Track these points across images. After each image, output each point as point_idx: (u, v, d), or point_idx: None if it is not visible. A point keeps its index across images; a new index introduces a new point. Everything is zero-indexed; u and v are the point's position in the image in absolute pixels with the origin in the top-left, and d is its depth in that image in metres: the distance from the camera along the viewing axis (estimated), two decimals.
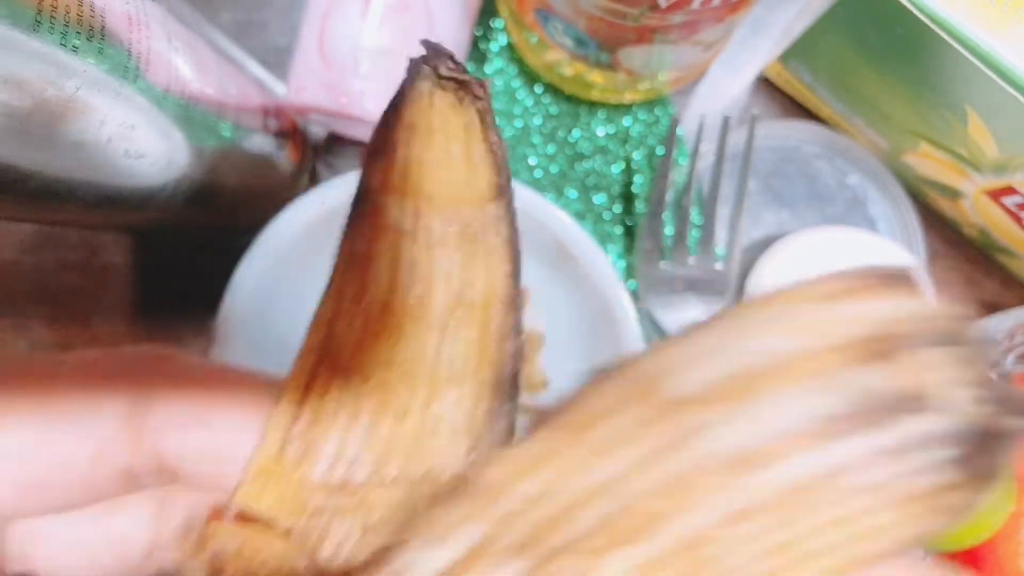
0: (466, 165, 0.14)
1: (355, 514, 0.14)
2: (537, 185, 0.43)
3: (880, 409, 0.11)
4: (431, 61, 0.13)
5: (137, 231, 0.40)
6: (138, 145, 0.25)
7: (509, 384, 0.14)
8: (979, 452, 0.11)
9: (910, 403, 0.11)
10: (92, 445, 0.14)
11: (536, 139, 0.43)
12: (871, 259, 0.38)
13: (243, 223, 0.37)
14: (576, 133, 0.43)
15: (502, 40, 0.43)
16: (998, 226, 0.39)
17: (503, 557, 0.12)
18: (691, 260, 0.40)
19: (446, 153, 0.14)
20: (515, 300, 0.14)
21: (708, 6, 0.30)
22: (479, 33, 0.43)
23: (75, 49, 0.21)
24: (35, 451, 0.14)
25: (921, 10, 0.30)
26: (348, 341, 0.14)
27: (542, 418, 0.12)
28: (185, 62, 0.27)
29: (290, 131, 0.38)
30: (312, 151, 0.42)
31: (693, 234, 0.41)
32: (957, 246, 0.44)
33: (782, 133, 0.43)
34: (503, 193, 0.14)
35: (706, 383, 0.11)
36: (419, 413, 0.14)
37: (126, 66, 0.24)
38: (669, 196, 0.41)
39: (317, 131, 0.43)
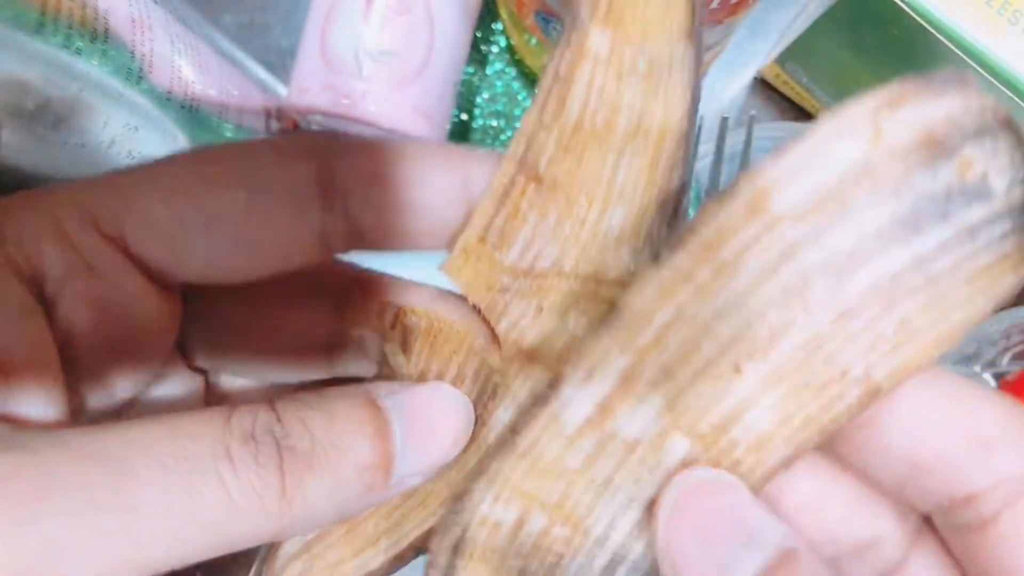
0: (665, 4, 0.15)
1: (534, 296, 0.17)
2: None
3: (945, 203, 0.12)
4: None
5: None
6: (141, 146, 0.26)
7: (671, 209, 0.16)
8: None
9: (970, 192, 0.12)
10: (291, 206, 0.16)
11: None
12: None
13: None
14: None
15: (502, 42, 0.43)
16: None
17: (644, 392, 0.14)
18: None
19: None
20: (687, 136, 0.15)
21: (706, 8, 0.30)
22: (479, 35, 0.43)
23: (79, 51, 0.21)
24: (244, 212, 0.15)
25: (917, 12, 0.31)
26: (544, 153, 0.16)
27: (672, 242, 0.13)
28: (188, 64, 0.27)
29: (292, 132, 0.38)
30: None
31: None
32: None
33: (780, 134, 0.43)
34: (692, 36, 0.15)
35: (803, 197, 0.12)
36: (594, 221, 0.16)
37: (129, 68, 0.24)
38: None
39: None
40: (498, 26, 0.43)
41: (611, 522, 0.15)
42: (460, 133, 0.43)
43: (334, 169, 0.16)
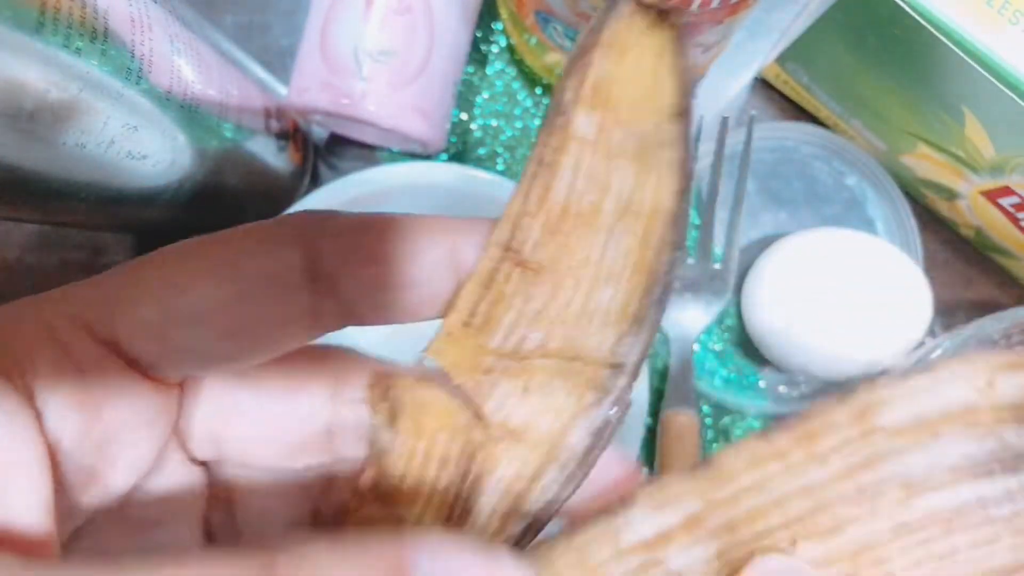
0: (653, 83, 0.15)
1: (520, 376, 0.16)
2: None
3: (1017, 460, 0.14)
4: None
5: (140, 231, 0.40)
6: (141, 146, 0.26)
7: (660, 291, 0.16)
8: None
9: None
10: (279, 294, 0.16)
11: (536, 140, 0.43)
12: (868, 260, 0.38)
13: (245, 224, 0.37)
14: None
15: (502, 42, 0.43)
16: (995, 226, 0.40)
17: (703, 536, 0.15)
18: (690, 260, 0.40)
19: (636, 70, 0.15)
20: (679, 217, 0.15)
21: (707, 8, 0.30)
22: (479, 35, 0.43)
23: (78, 51, 0.21)
24: (233, 304, 0.16)
25: (918, 12, 0.31)
26: (529, 238, 0.16)
27: (781, 424, 0.15)
28: (187, 64, 0.27)
29: (292, 132, 0.38)
30: (314, 152, 0.42)
31: (692, 234, 0.41)
32: (954, 246, 0.44)
33: (780, 134, 0.43)
34: (683, 115, 0.15)
35: (904, 419, 0.15)
36: (580, 303, 0.16)
37: (129, 68, 0.24)
38: None
39: (319, 132, 0.43)
40: (498, 26, 0.43)
41: None
42: (460, 133, 0.43)
43: (320, 251, 0.16)
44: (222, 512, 0.18)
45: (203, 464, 0.18)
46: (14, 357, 0.14)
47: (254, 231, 0.17)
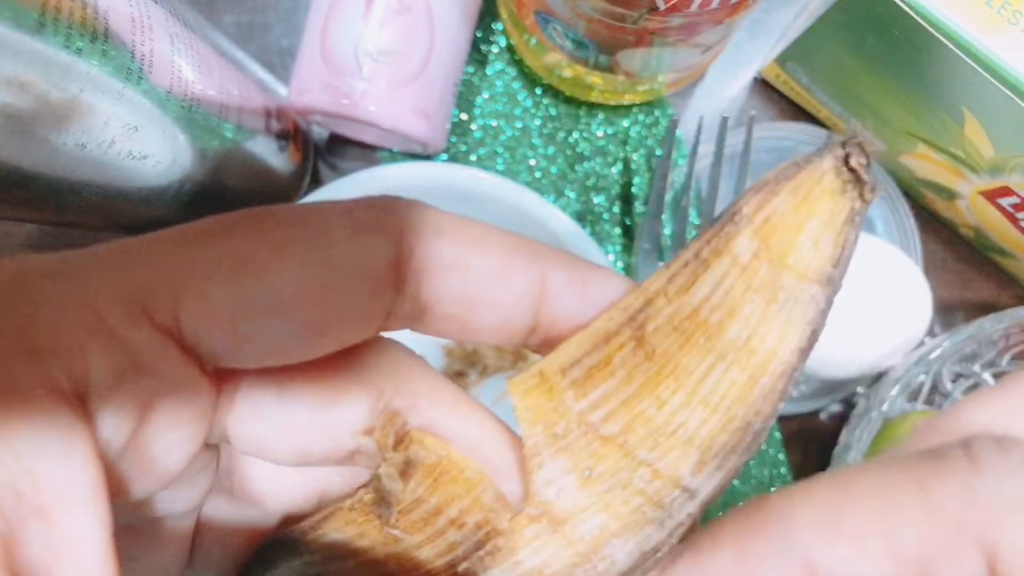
0: (813, 244, 0.15)
1: (586, 457, 0.16)
2: (537, 186, 0.43)
3: None
4: (848, 148, 0.15)
5: (141, 231, 0.40)
6: (141, 146, 0.26)
7: (751, 436, 0.15)
8: None
9: None
10: (367, 288, 0.14)
11: (536, 140, 0.43)
12: (868, 260, 0.38)
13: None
14: (576, 135, 0.44)
15: (502, 42, 0.43)
16: (994, 226, 0.40)
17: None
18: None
19: (804, 224, 0.15)
20: (792, 372, 0.15)
21: (706, 8, 0.30)
22: (479, 35, 0.43)
23: (79, 51, 0.21)
24: (319, 292, 0.14)
25: (918, 13, 0.31)
26: (656, 319, 0.16)
27: None
28: (188, 64, 0.27)
29: (292, 132, 0.38)
30: (314, 152, 0.42)
31: (692, 234, 0.41)
32: (954, 246, 0.44)
33: (780, 134, 0.43)
34: (830, 283, 0.15)
35: None
36: (671, 411, 0.15)
37: (129, 68, 0.24)
38: (668, 196, 0.41)
39: (319, 132, 0.43)
40: (498, 26, 0.43)
41: None
42: (460, 133, 0.43)
43: (413, 250, 0.15)
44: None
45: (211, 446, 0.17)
46: (65, 359, 0.12)
47: (343, 212, 0.15)
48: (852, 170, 0.14)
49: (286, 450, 0.16)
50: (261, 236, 0.14)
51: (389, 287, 0.15)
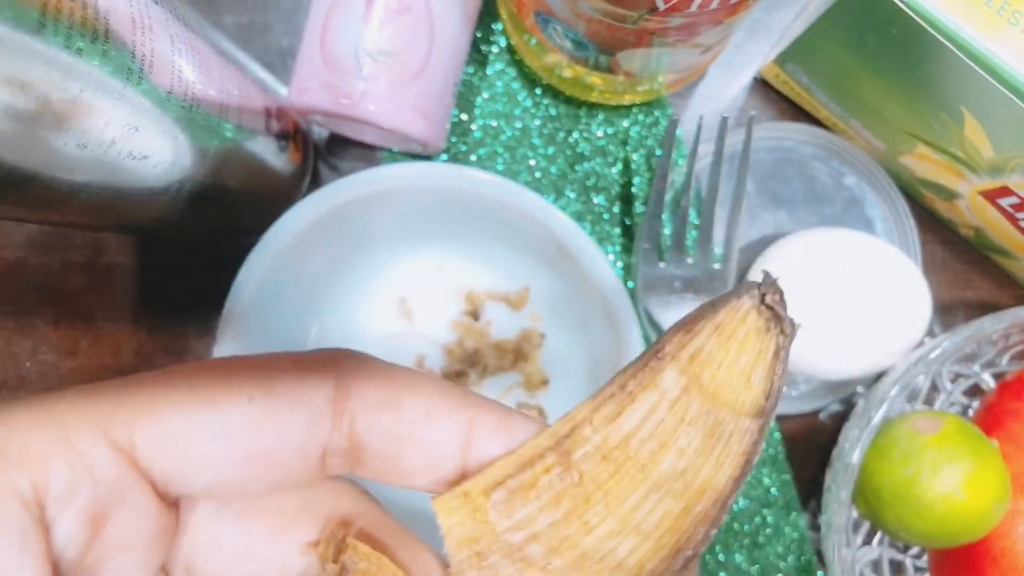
0: (744, 380, 0.16)
1: None
2: (537, 186, 0.43)
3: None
4: (763, 288, 0.15)
5: (141, 232, 0.40)
6: (142, 147, 0.26)
7: (681, 562, 0.16)
8: None
9: None
10: (307, 418, 0.16)
11: (536, 140, 0.43)
12: (868, 260, 0.38)
13: (246, 224, 0.37)
14: (576, 135, 0.44)
15: (502, 42, 0.43)
16: (994, 227, 0.40)
17: None
18: (689, 260, 0.40)
19: (734, 362, 0.16)
20: (727, 501, 0.16)
21: (706, 9, 0.30)
22: (479, 35, 0.43)
23: (79, 51, 0.22)
24: (264, 423, 0.16)
25: (918, 13, 0.31)
26: (583, 447, 0.16)
27: None
28: (188, 64, 0.27)
29: (292, 132, 0.38)
30: (314, 152, 0.42)
31: (691, 234, 0.41)
32: (953, 246, 0.44)
33: (780, 134, 0.43)
34: (763, 415, 0.16)
35: None
36: (601, 537, 0.16)
37: (130, 68, 0.24)
38: (668, 197, 0.41)
39: (319, 132, 0.43)
40: (498, 26, 0.43)
41: None
42: (460, 133, 0.43)
43: (350, 388, 0.16)
44: None
45: None
46: (28, 465, 0.14)
47: (290, 356, 0.17)
48: (770, 308, 0.15)
49: None
50: (217, 378, 0.16)
51: (325, 420, 0.16)
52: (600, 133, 0.44)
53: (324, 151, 0.43)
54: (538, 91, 0.44)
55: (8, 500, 0.14)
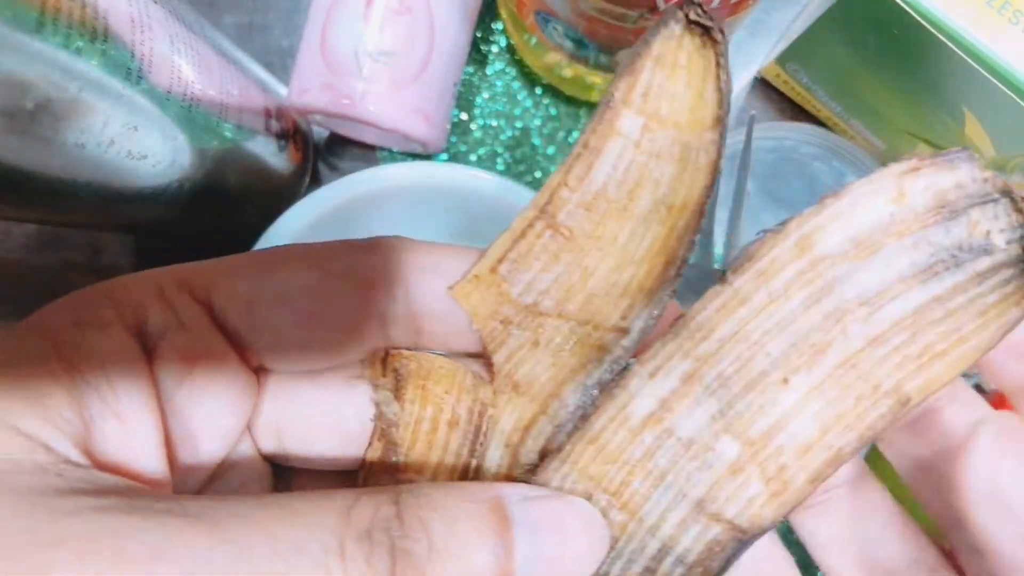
0: (699, 99, 0.16)
1: (533, 331, 0.18)
2: (537, 186, 0.43)
3: (958, 254, 0.15)
4: (685, 8, 0.16)
5: (140, 231, 0.40)
6: (141, 146, 0.26)
7: (675, 270, 0.17)
8: None
9: (977, 248, 0.15)
10: (358, 288, 0.18)
11: (536, 140, 0.43)
12: None
13: (245, 223, 0.37)
14: (576, 134, 0.43)
15: (502, 42, 0.43)
16: None
17: (701, 395, 0.17)
18: (689, 260, 0.40)
19: (684, 86, 0.16)
20: (705, 207, 0.17)
21: (707, 8, 0.30)
22: (479, 35, 0.43)
23: (78, 51, 0.21)
24: (316, 289, 0.17)
25: (918, 12, 0.31)
26: (564, 208, 0.17)
27: (735, 265, 0.16)
28: (188, 64, 0.27)
29: (292, 132, 0.38)
30: (314, 152, 0.42)
31: None
32: None
33: (780, 134, 0.43)
34: (721, 123, 0.17)
35: (840, 243, 0.16)
36: (603, 276, 0.17)
37: (129, 68, 0.24)
38: None
39: (319, 132, 0.43)
40: (498, 26, 0.43)
41: (663, 513, 0.17)
42: (460, 133, 0.43)
43: (400, 261, 0.18)
44: None
45: (268, 460, 0.19)
46: (130, 308, 0.16)
47: (345, 243, 0.18)
48: (697, 23, 0.16)
49: (327, 432, 0.19)
50: (278, 252, 0.18)
51: (379, 290, 0.18)
52: None
53: (324, 151, 0.43)
54: (538, 91, 0.44)
55: (118, 330, 0.16)
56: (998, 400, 0.40)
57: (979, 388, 0.42)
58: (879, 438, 0.17)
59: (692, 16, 0.16)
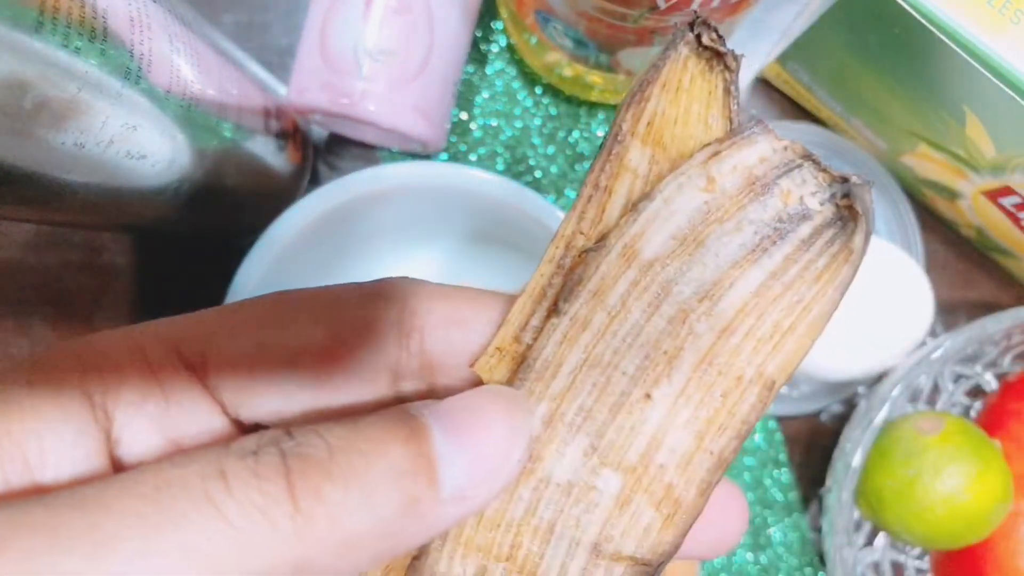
0: (702, 126, 0.16)
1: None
2: (537, 186, 0.43)
3: (778, 225, 0.15)
4: (696, 29, 0.15)
5: (139, 231, 0.40)
6: (140, 146, 0.26)
7: None
8: (846, 220, 0.15)
9: (795, 215, 0.15)
10: (371, 339, 0.16)
11: (536, 140, 0.43)
12: (869, 259, 0.38)
13: (245, 223, 0.37)
14: (576, 134, 0.43)
15: (502, 41, 0.43)
16: (996, 226, 0.39)
17: (567, 435, 0.16)
18: None
19: (687, 112, 0.16)
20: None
21: (707, 8, 0.30)
22: (479, 34, 0.43)
23: (77, 50, 0.21)
24: (327, 345, 0.16)
25: (919, 12, 0.31)
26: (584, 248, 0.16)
27: (569, 288, 0.16)
28: (187, 63, 0.27)
29: (291, 132, 0.38)
30: (313, 151, 0.42)
31: None
32: (955, 246, 0.44)
33: (780, 134, 0.43)
34: None
35: (664, 243, 0.15)
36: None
37: (128, 67, 0.24)
38: None
39: (318, 131, 0.43)
40: (498, 26, 0.43)
41: (562, 567, 0.16)
42: (460, 133, 0.43)
43: (416, 309, 0.16)
44: None
45: None
46: (101, 375, 0.14)
47: (354, 286, 0.17)
48: (708, 48, 0.15)
49: None
50: (282, 303, 0.16)
51: (392, 343, 0.16)
52: (600, 132, 0.43)
53: (323, 151, 0.43)
54: (538, 90, 0.43)
55: (74, 397, 0.14)
56: (1021, 384, 0.40)
57: (979, 388, 0.42)
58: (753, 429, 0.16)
59: (705, 40, 0.15)
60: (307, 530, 0.12)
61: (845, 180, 0.15)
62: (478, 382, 0.17)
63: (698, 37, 0.15)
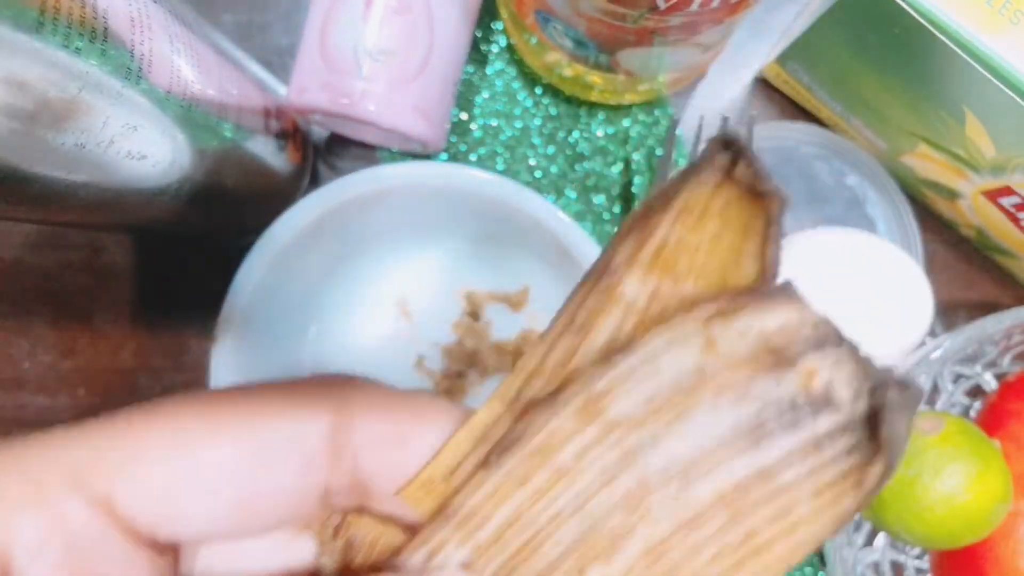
0: (732, 256, 0.13)
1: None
2: (537, 186, 0.43)
3: (791, 411, 0.12)
4: (731, 149, 0.12)
5: (139, 231, 0.40)
6: (140, 146, 0.26)
7: None
8: (872, 433, 0.12)
9: (817, 401, 0.12)
10: (299, 460, 0.14)
11: (536, 140, 0.43)
12: (869, 260, 0.38)
13: (245, 224, 0.37)
14: (576, 134, 0.43)
15: (502, 41, 0.43)
16: (996, 226, 0.39)
17: None
18: None
19: (714, 239, 0.13)
20: None
21: (707, 8, 0.30)
22: (479, 34, 0.43)
23: (77, 50, 0.21)
24: (250, 465, 0.14)
25: (919, 12, 0.31)
26: (536, 396, 0.14)
27: (506, 444, 0.13)
28: (187, 63, 0.27)
29: (291, 132, 0.38)
30: (313, 151, 0.42)
31: None
32: (955, 246, 0.44)
33: (781, 134, 0.43)
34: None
35: (637, 405, 0.13)
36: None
37: (128, 67, 0.24)
38: None
39: (318, 132, 0.43)
40: (498, 26, 0.43)
41: None
42: (460, 133, 0.43)
43: (351, 422, 0.15)
44: None
45: None
46: None
47: (282, 387, 0.15)
48: (740, 181, 0.13)
49: None
50: (199, 417, 0.14)
51: (322, 461, 0.15)
52: (600, 133, 0.43)
53: (323, 151, 0.43)
54: (538, 90, 0.43)
55: None
56: (1020, 385, 0.40)
57: (978, 388, 0.42)
58: None
59: (739, 174, 0.12)
60: None
61: (888, 380, 0.12)
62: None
63: (732, 164, 0.12)
